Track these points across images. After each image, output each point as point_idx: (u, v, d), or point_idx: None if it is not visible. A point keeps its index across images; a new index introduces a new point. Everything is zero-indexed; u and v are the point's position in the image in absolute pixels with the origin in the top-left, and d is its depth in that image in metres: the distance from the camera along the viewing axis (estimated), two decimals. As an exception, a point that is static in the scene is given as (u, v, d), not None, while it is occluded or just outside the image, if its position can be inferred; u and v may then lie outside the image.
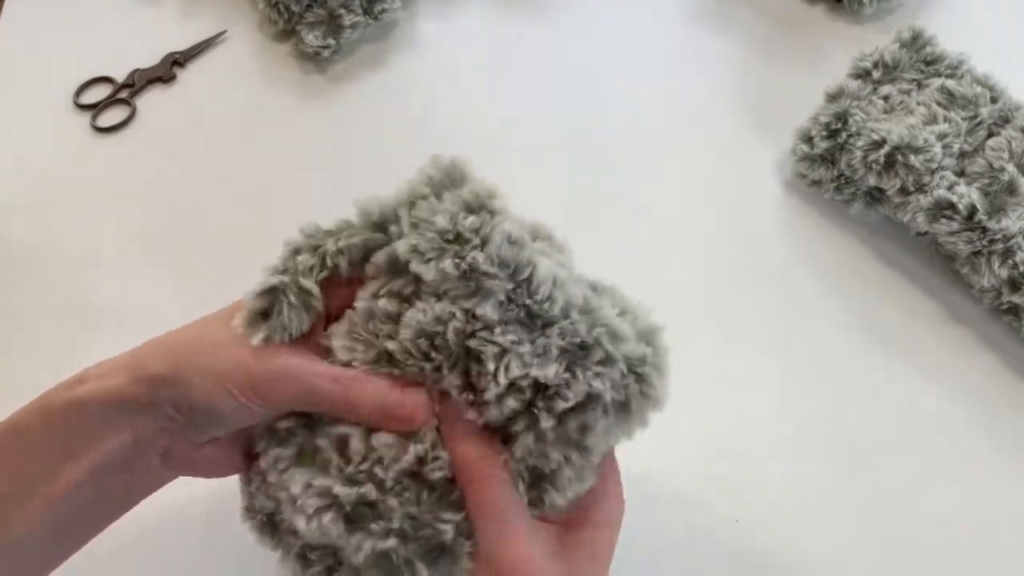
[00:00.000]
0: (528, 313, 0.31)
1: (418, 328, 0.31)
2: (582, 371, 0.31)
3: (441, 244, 0.31)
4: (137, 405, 0.31)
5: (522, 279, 0.31)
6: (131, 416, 0.31)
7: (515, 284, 0.31)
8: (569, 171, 0.58)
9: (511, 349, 0.30)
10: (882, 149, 0.50)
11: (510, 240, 0.31)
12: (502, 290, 0.31)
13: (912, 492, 0.46)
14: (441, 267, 0.31)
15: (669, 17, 0.66)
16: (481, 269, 0.30)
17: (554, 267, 0.32)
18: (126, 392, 0.31)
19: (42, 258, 0.53)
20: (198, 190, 0.56)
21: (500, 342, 0.31)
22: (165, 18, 0.65)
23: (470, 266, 0.30)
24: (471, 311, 0.31)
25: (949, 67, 0.54)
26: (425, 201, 0.32)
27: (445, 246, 0.31)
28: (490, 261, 0.30)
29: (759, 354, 0.50)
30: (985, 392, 0.49)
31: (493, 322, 0.31)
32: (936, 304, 0.52)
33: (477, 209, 0.31)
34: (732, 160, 0.58)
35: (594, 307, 0.32)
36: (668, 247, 0.54)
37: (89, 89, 0.61)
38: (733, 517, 0.45)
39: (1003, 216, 0.48)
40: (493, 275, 0.31)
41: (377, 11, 0.61)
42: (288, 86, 0.61)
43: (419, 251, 0.31)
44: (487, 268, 0.30)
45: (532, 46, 0.64)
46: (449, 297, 0.31)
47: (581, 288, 0.32)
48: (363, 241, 0.33)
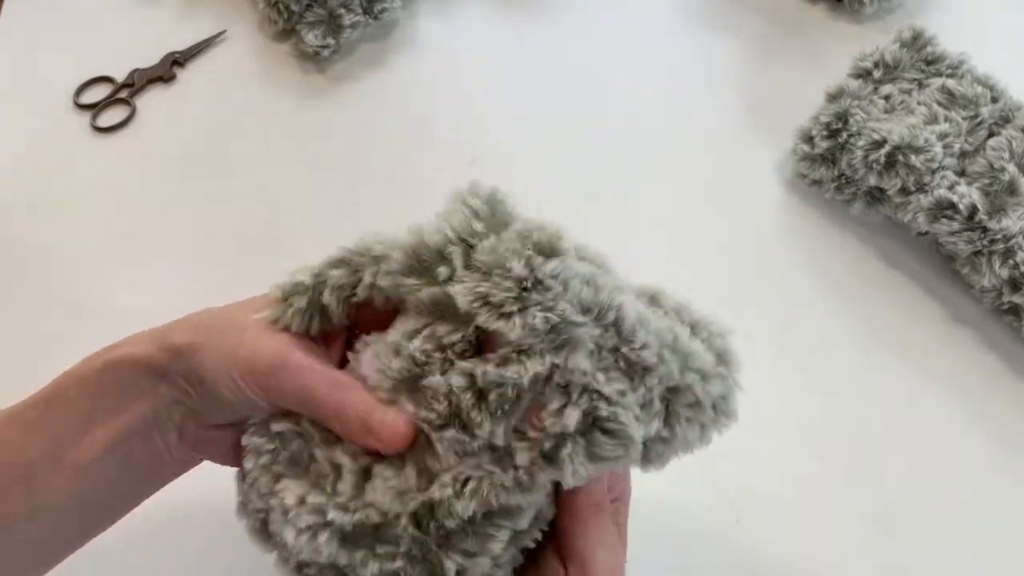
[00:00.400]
0: (627, 361, 0.28)
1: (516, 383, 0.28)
2: (676, 421, 0.28)
3: (519, 294, 0.28)
4: (157, 373, 0.32)
5: (608, 323, 0.28)
6: (153, 384, 0.32)
7: (603, 328, 0.28)
8: (569, 171, 0.58)
9: (619, 402, 0.27)
10: (883, 149, 0.50)
11: (587, 283, 0.28)
12: (590, 337, 0.28)
13: (912, 492, 0.46)
14: (531, 323, 0.27)
15: (669, 17, 0.66)
16: (570, 319, 0.27)
17: (634, 302, 0.29)
18: (152, 359, 0.32)
19: (42, 258, 0.53)
20: (198, 190, 0.56)
21: (606, 392, 0.27)
22: (165, 18, 0.65)
23: (561, 318, 0.27)
24: (559, 365, 0.28)
25: (950, 67, 0.54)
26: (486, 242, 0.29)
27: (524, 296, 0.28)
28: (577, 309, 0.28)
29: (759, 354, 0.50)
30: (985, 392, 0.49)
31: (588, 371, 0.27)
32: (937, 304, 0.52)
33: (549, 252, 0.29)
34: (732, 160, 0.58)
35: (681, 343, 0.29)
36: (668, 247, 0.54)
37: (89, 89, 0.61)
38: (733, 517, 0.45)
39: (1004, 216, 0.48)
40: (581, 323, 0.28)
41: (377, 11, 0.61)
42: (288, 86, 0.61)
43: (493, 303, 0.28)
44: (575, 318, 0.27)
45: (532, 46, 0.64)
46: (535, 352, 0.28)
47: (663, 319, 0.30)
48: (401, 283, 0.31)
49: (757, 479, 0.46)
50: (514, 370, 0.28)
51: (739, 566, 0.44)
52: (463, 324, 0.30)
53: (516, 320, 0.27)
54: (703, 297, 0.52)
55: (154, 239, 0.54)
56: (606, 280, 0.29)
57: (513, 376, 0.28)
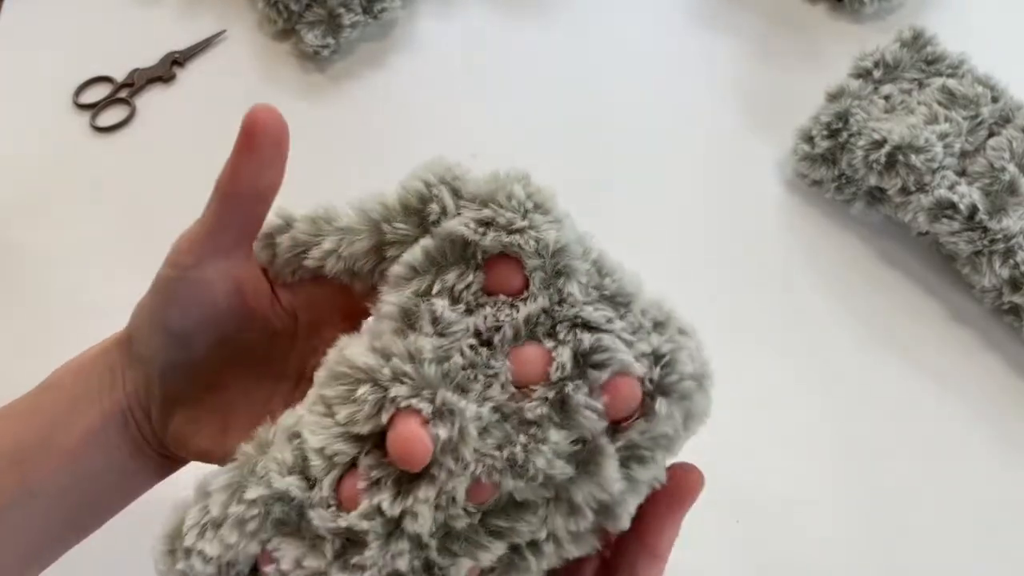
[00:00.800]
0: (610, 293, 0.27)
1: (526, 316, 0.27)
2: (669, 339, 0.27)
3: (524, 213, 0.27)
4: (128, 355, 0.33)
5: (592, 260, 0.28)
6: (125, 367, 0.33)
7: (590, 263, 0.27)
8: (568, 171, 0.57)
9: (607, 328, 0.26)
10: (883, 149, 0.50)
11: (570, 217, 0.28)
12: (582, 269, 0.27)
13: (912, 492, 0.46)
14: (544, 238, 0.26)
15: (669, 17, 0.66)
16: (571, 244, 0.27)
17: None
18: (121, 340, 0.33)
19: (42, 258, 0.53)
20: (198, 190, 0.56)
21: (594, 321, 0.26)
22: (165, 18, 0.65)
23: (565, 240, 0.27)
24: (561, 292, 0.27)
25: (950, 67, 0.54)
26: (471, 176, 0.28)
27: (529, 215, 0.27)
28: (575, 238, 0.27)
29: (759, 354, 0.50)
30: (986, 392, 0.49)
31: (578, 300, 0.26)
32: (937, 304, 0.52)
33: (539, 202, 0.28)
34: (732, 160, 0.58)
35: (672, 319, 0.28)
36: (668, 247, 0.54)
37: (89, 89, 0.61)
38: (734, 518, 0.45)
39: (1004, 216, 0.48)
40: (577, 253, 0.27)
41: (377, 10, 0.61)
42: (288, 85, 0.61)
43: (500, 224, 0.26)
44: (575, 246, 0.27)
45: (532, 46, 0.64)
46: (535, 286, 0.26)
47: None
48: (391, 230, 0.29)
49: (757, 479, 0.46)
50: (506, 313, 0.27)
51: (739, 566, 0.44)
52: (469, 262, 0.27)
53: (530, 233, 0.26)
54: (702, 297, 0.52)
55: (154, 239, 0.54)
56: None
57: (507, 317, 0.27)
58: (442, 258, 0.27)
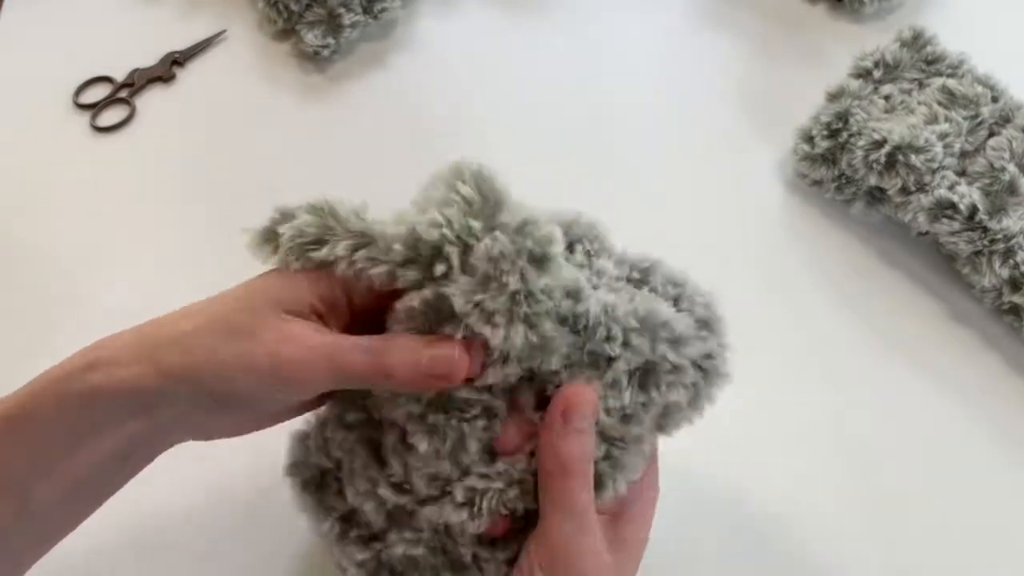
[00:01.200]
0: (592, 355, 0.32)
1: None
2: (655, 388, 0.32)
3: (510, 306, 0.30)
4: (154, 397, 0.31)
5: (580, 328, 0.32)
6: (148, 407, 0.31)
7: (575, 335, 0.32)
8: (568, 170, 0.58)
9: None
10: (883, 149, 0.50)
11: (570, 294, 0.32)
12: (564, 344, 0.32)
13: (913, 492, 0.46)
14: (513, 338, 0.30)
15: (669, 17, 0.66)
16: (548, 336, 0.31)
17: (603, 296, 0.33)
18: (141, 384, 0.30)
19: (42, 257, 0.53)
20: (198, 189, 0.56)
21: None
22: (165, 18, 0.65)
23: (541, 337, 0.31)
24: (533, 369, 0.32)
25: (950, 66, 0.54)
26: (482, 245, 0.30)
27: (515, 308, 0.30)
28: (555, 323, 0.31)
29: (759, 354, 0.50)
30: (986, 392, 0.49)
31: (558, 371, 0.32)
32: (937, 304, 0.52)
33: (540, 260, 0.31)
34: (732, 160, 0.58)
35: (651, 319, 0.32)
36: (668, 247, 0.54)
37: (89, 89, 0.61)
38: (733, 517, 0.45)
39: (1004, 216, 0.48)
40: (557, 337, 0.31)
41: (377, 10, 0.61)
42: (288, 85, 0.61)
43: (486, 310, 0.30)
44: (553, 334, 0.31)
45: (532, 46, 0.64)
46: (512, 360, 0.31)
47: (631, 302, 0.33)
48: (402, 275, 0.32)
49: (757, 479, 0.46)
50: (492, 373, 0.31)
51: (739, 565, 0.44)
52: (458, 321, 0.31)
53: (500, 332, 0.30)
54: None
55: (154, 239, 0.54)
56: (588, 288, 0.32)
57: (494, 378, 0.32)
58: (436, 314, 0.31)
